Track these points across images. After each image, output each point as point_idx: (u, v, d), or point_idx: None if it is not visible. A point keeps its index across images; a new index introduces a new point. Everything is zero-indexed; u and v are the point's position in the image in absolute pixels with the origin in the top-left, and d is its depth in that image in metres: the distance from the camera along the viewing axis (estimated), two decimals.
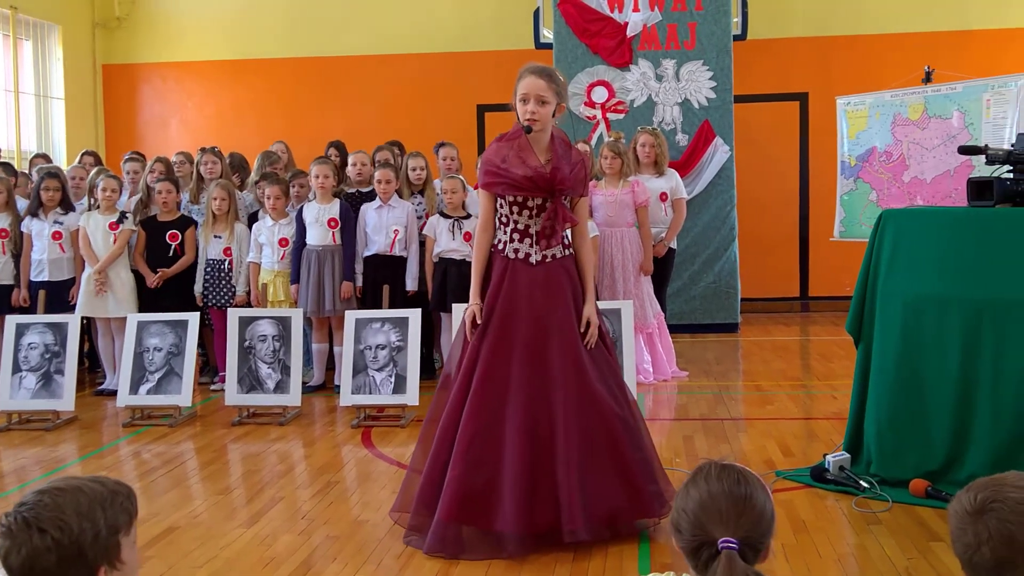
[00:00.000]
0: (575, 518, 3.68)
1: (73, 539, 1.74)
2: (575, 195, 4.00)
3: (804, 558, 3.66)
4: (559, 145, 3.96)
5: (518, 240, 3.94)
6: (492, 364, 3.82)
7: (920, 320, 4.37)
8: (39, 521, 1.74)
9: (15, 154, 10.23)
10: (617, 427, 3.84)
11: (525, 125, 3.87)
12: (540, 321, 3.86)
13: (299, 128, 10.40)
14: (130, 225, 7.12)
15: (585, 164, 4.02)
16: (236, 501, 4.58)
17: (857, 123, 7.16)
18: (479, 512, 3.75)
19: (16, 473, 5.21)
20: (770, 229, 10.55)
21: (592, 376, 3.86)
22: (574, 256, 4.03)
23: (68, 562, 1.74)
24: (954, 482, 4.21)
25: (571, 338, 3.87)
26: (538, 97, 3.86)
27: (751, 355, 8.26)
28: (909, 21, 10.40)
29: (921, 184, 6.69)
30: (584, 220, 4.08)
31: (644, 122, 9.03)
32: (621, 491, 3.80)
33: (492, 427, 3.78)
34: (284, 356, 6.26)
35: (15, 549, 1.74)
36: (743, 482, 1.87)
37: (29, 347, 6.35)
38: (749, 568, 1.79)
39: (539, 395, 3.79)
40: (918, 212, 4.81)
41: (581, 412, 3.78)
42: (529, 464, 3.73)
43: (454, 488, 3.74)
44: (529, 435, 3.75)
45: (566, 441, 3.74)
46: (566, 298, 3.92)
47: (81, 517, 1.76)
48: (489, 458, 3.75)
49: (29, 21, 10.72)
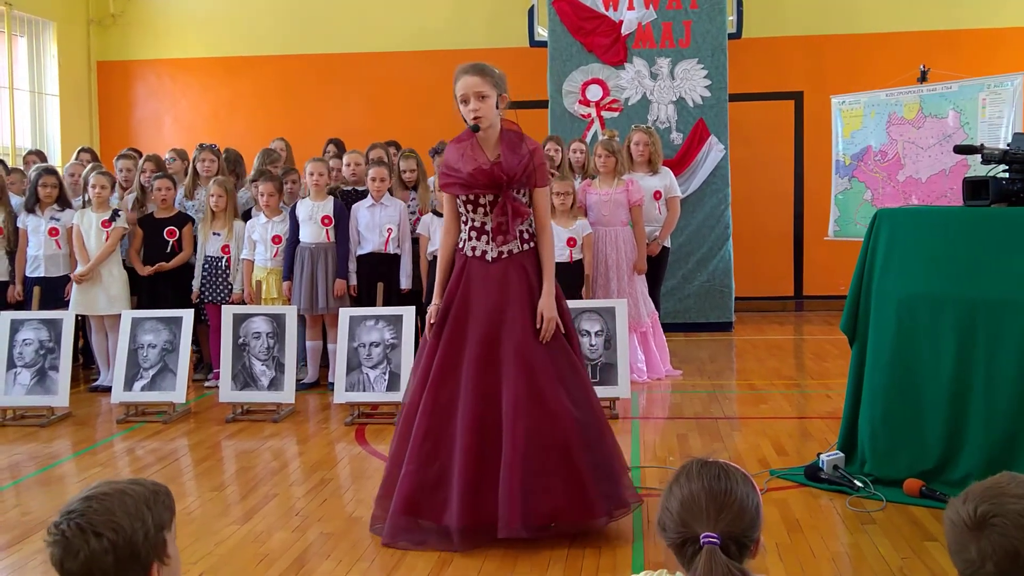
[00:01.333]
0: (513, 515, 3.69)
1: (127, 539, 1.79)
2: (530, 187, 3.95)
3: (798, 557, 3.67)
4: (509, 138, 3.95)
5: (475, 238, 3.96)
6: (446, 361, 3.87)
7: (915, 319, 4.37)
8: (93, 526, 1.78)
9: (9, 151, 10.21)
10: (567, 426, 3.78)
11: (472, 125, 3.88)
12: (494, 318, 3.87)
13: (293, 125, 10.38)
14: (123, 223, 7.10)
15: (536, 155, 3.93)
16: (230, 498, 4.58)
17: (852, 122, 7.17)
18: (430, 506, 3.82)
19: (10, 469, 5.20)
20: (764, 228, 10.56)
21: (545, 373, 3.81)
22: (534, 251, 3.98)
23: (124, 562, 1.79)
24: (948, 482, 4.22)
25: (524, 335, 3.84)
26: (477, 94, 3.86)
27: (745, 354, 8.27)
28: (904, 20, 10.42)
29: (916, 183, 6.70)
30: (543, 212, 3.99)
31: (639, 120, 9.04)
32: (565, 491, 3.76)
33: (445, 423, 3.83)
34: (278, 353, 6.26)
35: (71, 555, 1.77)
36: (724, 477, 1.89)
37: (24, 343, 6.34)
38: (731, 563, 1.80)
39: (489, 392, 3.81)
40: (913, 211, 4.81)
41: (529, 410, 3.76)
42: (476, 460, 3.76)
43: (407, 482, 3.82)
44: (478, 431, 3.78)
45: (511, 438, 3.74)
46: (521, 294, 3.90)
47: (131, 518, 1.81)
48: (441, 453, 3.81)
49: (24, 17, 10.69)
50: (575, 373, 3.93)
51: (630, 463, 4.99)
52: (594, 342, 6.14)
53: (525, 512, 3.71)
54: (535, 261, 3.97)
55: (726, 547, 1.81)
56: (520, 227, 3.94)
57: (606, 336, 6.15)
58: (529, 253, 3.97)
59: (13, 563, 3.78)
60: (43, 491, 4.78)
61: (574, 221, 6.90)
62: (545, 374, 3.82)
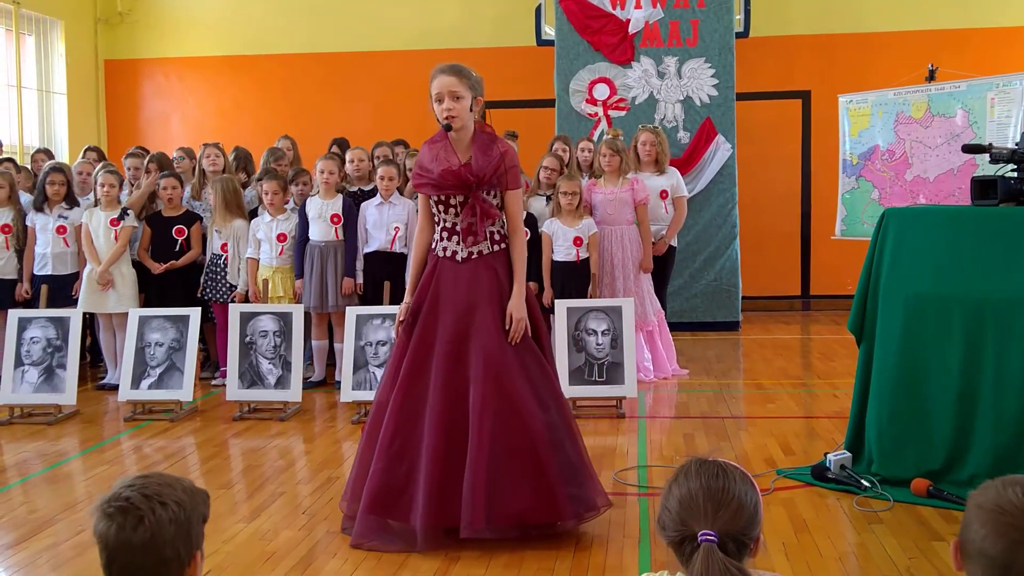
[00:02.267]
0: (477, 516, 3.68)
1: (187, 516, 1.82)
2: (501, 189, 3.94)
3: (805, 557, 3.66)
4: (481, 140, 3.95)
5: (446, 238, 3.97)
6: (415, 361, 3.89)
7: (922, 319, 4.36)
8: (159, 495, 1.80)
9: (17, 149, 10.23)
10: (535, 428, 3.76)
11: (444, 123, 3.88)
12: (462, 318, 3.87)
13: (300, 124, 10.39)
14: (131, 222, 7.12)
15: (507, 157, 3.91)
16: (237, 496, 4.59)
17: (859, 121, 7.15)
18: (397, 506, 3.82)
19: (18, 467, 5.22)
20: (772, 227, 10.55)
21: (512, 375, 3.80)
22: (505, 252, 3.99)
23: (181, 539, 1.80)
24: (956, 482, 4.21)
25: (492, 336, 3.83)
26: (451, 93, 3.85)
27: (752, 353, 8.26)
28: (912, 19, 10.40)
29: (924, 183, 6.69)
30: (514, 214, 3.99)
31: (646, 119, 9.04)
32: (532, 492, 3.73)
33: (413, 423, 3.83)
34: (285, 352, 6.27)
35: (132, 523, 1.77)
36: (721, 476, 1.90)
37: (31, 341, 6.35)
38: (728, 560, 1.80)
39: (457, 393, 3.81)
40: (921, 211, 4.80)
41: (496, 410, 3.75)
42: (442, 460, 3.75)
43: (375, 481, 3.83)
44: (444, 432, 3.77)
45: (476, 439, 3.73)
46: (490, 295, 3.88)
47: (190, 497, 1.85)
48: (408, 453, 3.82)
49: (32, 16, 10.72)
50: (543, 374, 3.92)
51: (636, 462, 5.00)
52: (600, 341, 6.14)
53: (489, 512, 3.70)
54: (506, 262, 3.97)
55: (724, 545, 1.82)
56: (491, 228, 3.94)
57: (612, 335, 6.14)
58: (499, 254, 3.97)
59: (21, 560, 3.79)
60: (50, 489, 4.79)
61: (580, 220, 6.90)
62: (512, 375, 3.80)
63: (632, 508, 4.28)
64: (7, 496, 4.65)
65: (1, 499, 4.59)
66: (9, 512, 4.38)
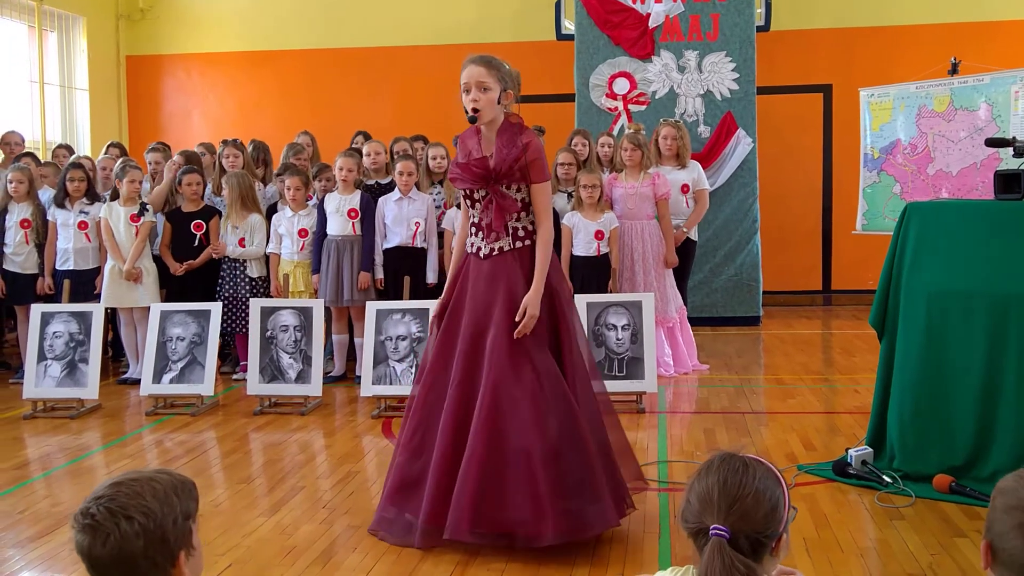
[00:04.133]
0: (462, 518, 3.61)
1: (157, 523, 1.80)
2: (525, 182, 3.80)
3: (826, 552, 3.64)
4: (508, 133, 3.82)
5: (473, 234, 3.92)
6: (439, 358, 3.87)
7: (945, 314, 4.33)
8: (124, 509, 1.78)
9: (40, 144, 10.32)
10: (533, 438, 3.60)
11: (469, 115, 3.77)
12: (479, 316, 3.79)
13: (320, 120, 10.42)
14: (151, 217, 7.17)
15: (530, 149, 3.76)
16: (257, 490, 4.61)
17: (881, 115, 7.09)
18: (411, 499, 3.83)
19: (41, 460, 5.26)
20: (793, 222, 10.50)
21: (521, 381, 3.66)
22: (533, 248, 3.83)
23: (154, 547, 1.79)
24: (978, 478, 4.18)
25: (502, 338, 3.71)
26: (479, 84, 3.75)
27: (773, 348, 8.22)
28: (934, 12, 10.31)
29: (946, 177, 6.63)
30: (541, 208, 3.82)
31: (666, 114, 9.01)
32: (523, 504, 3.58)
33: (431, 420, 3.82)
34: (305, 346, 6.29)
35: (101, 540, 1.78)
36: (741, 471, 1.88)
37: (54, 336, 6.40)
38: (737, 556, 1.78)
39: (470, 393, 3.74)
40: (943, 205, 4.75)
41: (496, 418, 3.63)
42: (449, 460, 3.70)
43: (394, 474, 3.89)
44: (453, 432, 3.72)
45: (473, 443, 3.65)
46: (506, 294, 3.75)
47: (161, 503, 1.82)
48: (427, 448, 3.81)
49: (54, 13, 10.79)
50: (556, 381, 3.72)
51: (656, 457, 4.99)
52: (620, 336, 6.12)
53: (475, 517, 3.62)
54: (530, 259, 3.81)
55: (737, 542, 1.80)
56: (514, 224, 3.82)
57: (632, 330, 6.13)
58: (523, 251, 3.82)
59: (44, 553, 3.82)
60: (73, 482, 4.83)
61: (601, 214, 6.89)
62: (519, 381, 3.66)
63: (652, 503, 4.27)
64: (30, 489, 4.69)
65: (24, 492, 4.63)
66: (32, 505, 4.42)
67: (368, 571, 3.58)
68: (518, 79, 3.92)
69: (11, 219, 7.28)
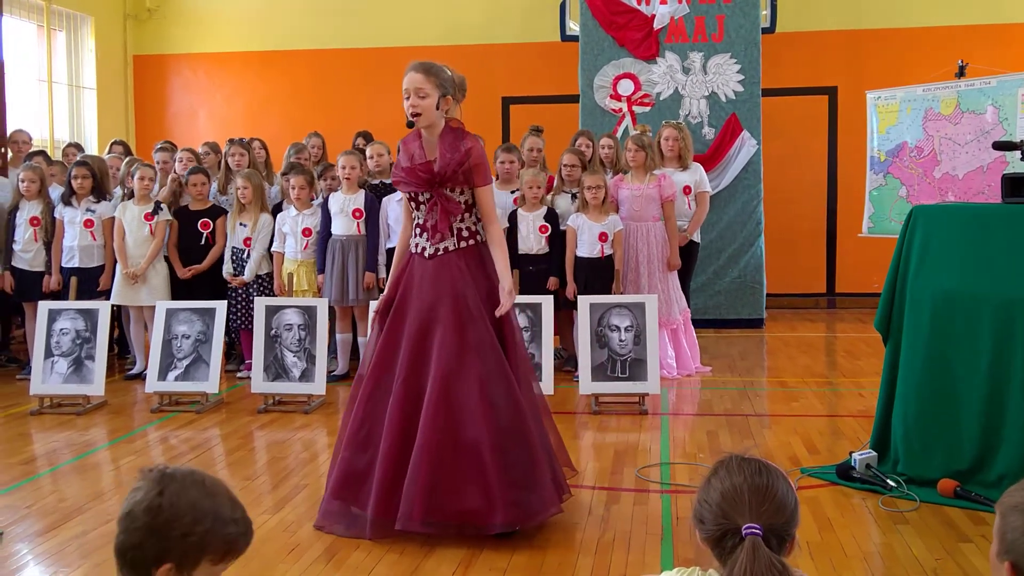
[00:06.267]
0: (415, 508, 3.72)
1: (173, 517, 1.80)
2: (469, 185, 3.94)
3: (829, 556, 3.64)
4: (450, 137, 3.97)
5: (417, 235, 4.03)
6: (383, 354, 3.97)
7: (950, 318, 4.32)
8: (178, 480, 1.83)
9: (48, 143, 10.34)
10: (482, 429, 3.75)
11: (408, 120, 3.95)
12: (425, 314, 3.91)
13: (327, 120, 10.44)
14: (166, 215, 7.20)
15: (472, 154, 3.89)
16: (261, 488, 4.62)
17: (887, 118, 7.09)
18: (356, 493, 3.92)
19: (47, 456, 5.28)
20: (797, 224, 10.49)
21: (467, 374, 3.79)
22: (478, 247, 3.99)
23: (155, 532, 1.79)
24: (983, 483, 4.17)
25: (448, 334, 3.84)
26: (417, 91, 3.92)
27: (776, 351, 8.22)
28: (941, 14, 10.30)
29: (953, 180, 6.62)
30: (487, 210, 3.97)
31: (670, 115, 9.01)
32: (472, 494, 3.73)
33: (377, 414, 3.91)
34: (309, 345, 6.30)
35: (145, 490, 1.81)
36: (764, 472, 1.90)
37: (61, 333, 6.42)
38: (772, 555, 1.79)
39: (416, 389, 3.85)
40: (949, 208, 4.75)
41: (445, 409, 3.77)
42: (396, 453, 3.81)
43: (339, 467, 3.96)
44: (401, 427, 3.83)
45: (423, 434, 3.77)
46: (452, 293, 3.89)
47: (202, 511, 1.82)
48: (372, 443, 3.90)
49: (62, 12, 10.82)
50: (501, 375, 3.86)
51: (659, 459, 4.99)
52: (623, 338, 6.13)
53: (427, 507, 3.73)
54: (474, 258, 3.97)
55: (767, 540, 1.81)
56: (458, 225, 3.95)
57: (635, 332, 6.13)
58: (468, 250, 3.97)
59: (50, 548, 3.83)
60: (79, 478, 4.85)
61: (606, 216, 6.89)
62: (464, 374, 3.80)
63: (655, 505, 4.28)
64: (37, 485, 4.71)
65: (31, 488, 4.65)
66: (39, 500, 4.44)
67: (371, 569, 3.60)
68: (462, 84, 4.07)
69: (21, 216, 7.31)
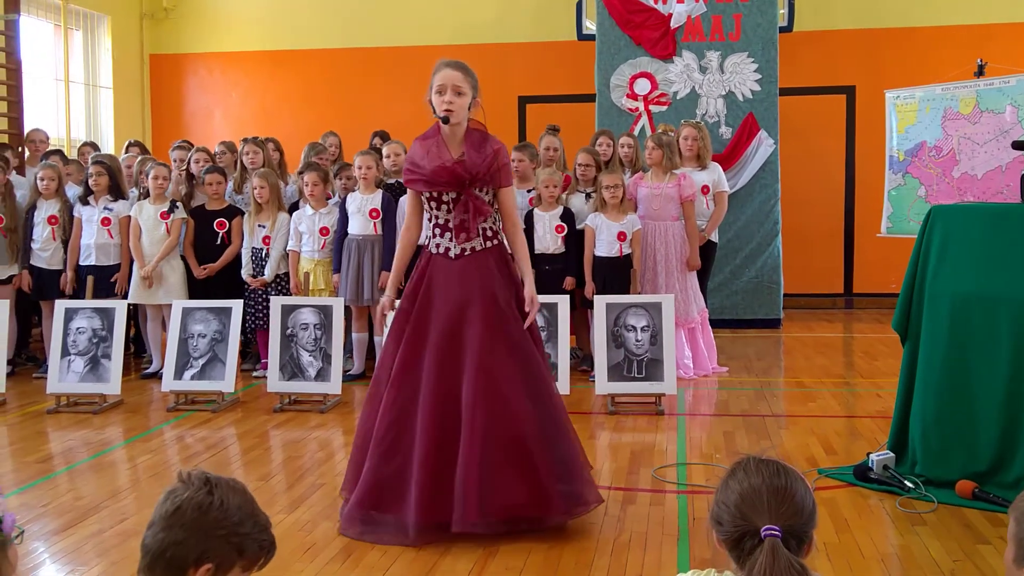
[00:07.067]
0: (469, 509, 3.72)
1: (212, 525, 1.85)
2: (495, 185, 3.98)
3: (846, 557, 3.62)
4: (474, 137, 3.98)
5: (439, 235, 4.00)
6: (408, 357, 3.91)
7: (969, 319, 4.29)
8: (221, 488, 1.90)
9: (65, 142, 10.39)
10: (525, 422, 3.79)
11: (442, 115, 3.91)
12: (454, 314, 3.89)
13: (342, 119, 10.45)
14: (182, 214, 7.23)
15: (500, 155, 3.96)
16: (277, 487, 4.63)
17: (906, 117, 7.04)
18: (388, 500, 3.87)
19: (64, 455, 5.30)
20: (815, 224, 10.44)
21: (504, 371, 3.83)
22: (501, 247, 4.02)
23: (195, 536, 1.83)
24: (1002, 484, 4.14)
25: (484, 332, 3.85)
26: (455, 88, 3.90)
27: (793, 351, 8.18)
28: (960, 13, 10.22)
29: (972, 180, 6.57)
30: (510, 211, 4.03)
31: (687, 114, 8.98)
32: (523, 487, 3.77)
33: (405, 419, 3.86)
34: (325, 344, 6.31)
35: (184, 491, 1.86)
36: (782, 473, 1.90)
37: (77, 331, 6.45)
38: (792, 556, 1.78)
39: (450, 388, 3.83)
40: (968, 208, 4.71)
41: (487, 406, 3.78)
42: (434, 456, 3.78)
43: (367, 476, 3.89)
44: (437, 427, 3.80)
45: (468, 434, 3.76)
46: (483, 292, 3.90)
47: (231, 524, 1.87)
48: (401, 449, 3.85)
49: (79, 11, 10.88)
50: (536, 371, 3.92)
51: (675, 460, 4.97)
52: (640, 338, 6.11)
53: (482, 506, 3.72)
54: (499, 258, 4.00)
55: (786, 541, 1.80)
56: (483, 225, 3.96)
57: (652, 332, 6.11)
58: (492, 250, 3.99)
59: (67, 546, 3.85)
60: (95, 477, 4.87)
61: (624, 216, 6.87)
62: (504, 371, 3.83)
63: (671, 505, 4.26)
64: (53, 483, 4.73)
65: (47, 486, 4.67)
66: (55, 499, 4.46)
67: (386, 569, 3.59)
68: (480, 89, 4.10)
69: (39, 215, 7.35)
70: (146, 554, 1.84)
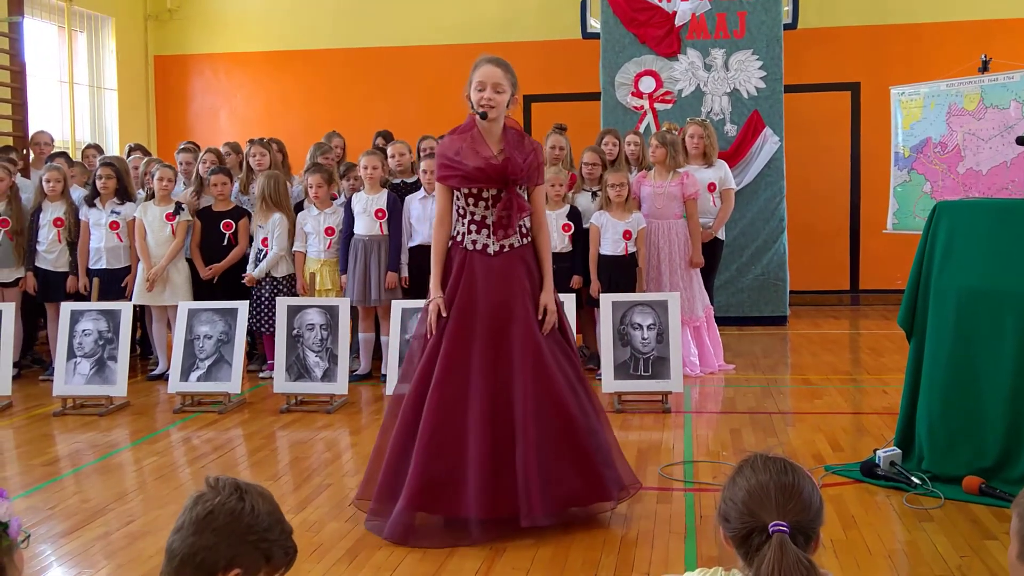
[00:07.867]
0: (533, 504, 3.74)
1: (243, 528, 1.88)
2: (530, 184, 4.03)
3: (853, 553, 3.62)
4: (512, 135, 4.02)
5: (476, 231, 3.99)
6: (453, 355, 3.88)
7: (974, 314, 4.28)
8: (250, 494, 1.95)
9: (69, 144, 10.42)
10: (573, 413, 3.88)
11: (480, 111, 3.93)
12: (498, 310, 3.91)
13: (347, 119, 10.45)
14: (187, 216, 7.24)
15: (538, 153, 4.05)
16: (284, 488, 4.63)
17: (911, 113, 7.03)
18: (441, 500, 3.84)
19: (70, 457, 5.32)
20: (820, 221, 10.43)
21: (549, 364, 3.89)
22: (531, 245, 4.06)
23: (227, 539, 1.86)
24: (1008, 480, 4.13)
25: (529, 327, 3.91)
26: (495, 85, 3.95)
27: (800, 348, 8.17)
28: (965, 9, 10.19)
29: (977, 176, 6.56)
30: (540, 209, 4.09)
31: (692, 112, 8.97)
32: (578, 476, 3.85)
33: (454, 417, 3.84)
34: (332, 345, 6.31)
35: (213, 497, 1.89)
36: (790, 470, 1.91)
37: (83, 334, 6.46)
38: (800, 552, 1.79)
39: (499, 383, 3.86)
40: (973, 204, 4.70)
41: (539, 399, 3.83)
42: (490, 451, 3.79)
43: (417, 477, 3.82)
44: (490, 423, 3.81)
45: (524, 428, 3.79)
46: (524, 288, 3.97)
47: (257, 528, 1.92)
48: (451, 447, 3.82)
49: (83, 13, 10.90)
50: (572, 363, 4.02)
51: (682, 457, 4.97)
52: (646, 336, 6.10)
53: (544, 500, 3.76)
54: (533, 256, 4.05)
55: (794, 538, 1.80)
56: (519, 222, 4.01)
57: (658, 330, 6.11)
58: (528, 247, 4.04)
59: (74, 549, 3.86)
60: (102, 479, 4.87)
61: (629, 214, 6.87)
62: (548, 364, 3.90)
63: (678, 503, 4.26)
64: (60, 486, 4.74)
65: (54, 489, 4.68)
66: (62, 501, 4.47)
67: (394, 569, 3.60)
68: None
69: (45, 218, 7.37)
70: (173, 558, 1.84)
